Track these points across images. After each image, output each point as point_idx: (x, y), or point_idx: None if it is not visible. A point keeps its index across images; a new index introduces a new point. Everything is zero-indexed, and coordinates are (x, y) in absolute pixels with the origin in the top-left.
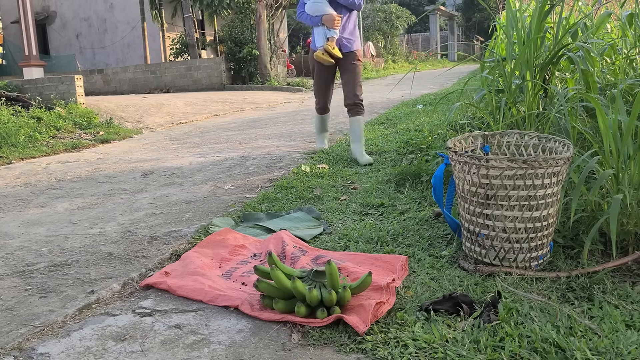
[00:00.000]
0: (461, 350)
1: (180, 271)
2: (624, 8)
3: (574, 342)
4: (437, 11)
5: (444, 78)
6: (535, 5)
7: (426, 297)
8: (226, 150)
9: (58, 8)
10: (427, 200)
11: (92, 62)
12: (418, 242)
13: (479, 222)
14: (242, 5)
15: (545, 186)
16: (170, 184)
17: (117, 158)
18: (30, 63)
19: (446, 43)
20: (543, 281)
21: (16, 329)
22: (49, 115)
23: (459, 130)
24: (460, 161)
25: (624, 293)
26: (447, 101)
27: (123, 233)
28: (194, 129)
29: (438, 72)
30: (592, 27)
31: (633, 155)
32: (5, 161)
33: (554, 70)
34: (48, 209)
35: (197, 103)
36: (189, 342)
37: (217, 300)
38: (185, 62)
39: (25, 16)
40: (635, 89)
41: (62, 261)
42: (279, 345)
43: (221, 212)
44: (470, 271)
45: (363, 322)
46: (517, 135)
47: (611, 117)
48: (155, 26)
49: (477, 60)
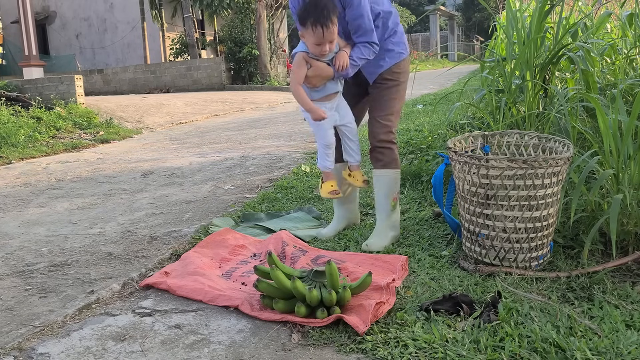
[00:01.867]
0: (461, 350)
1: (180, 271)
2: (624, 8)
3: (574, 342)
4: (437, 11)
5: (444, 78)
6: (535, 5)
7: (426, 297)
8: (226, 150)
9: (58, 8)
10: (427, 200)
11: (92, 62)
12: (418, 242)
13: (479, 222)
14: (242, 5)
15: (545, 186)
16: (170, 184)
17: (117, 158)
18: (30, 63)
19: (446, 43)
20: (543, 281)
21: (16, 329)
22: (49, 115)
23: (459, 130)
24: (460, 161)
25: (624, 293)
26: (447, 101)
27: (123, 233)
28: (194, 129)
29: (438, 72)
30: (592, 27)
31: (633, 155)
32: (5, 161)
33: (554, 70)
34: (48, 209)
35: (197, 103)
36: (189, 342)
37: (217, 300)
38: (185, 62)
39: (25, 16)
40: (635, 89)
41: (62, 261)
42: (279, 345)
43: (221, 212)
44: (470, 271)
45: (363, 322)
46: (517, 135)
47: (611, 117)
48: (155, 26)
49: (477, 60)
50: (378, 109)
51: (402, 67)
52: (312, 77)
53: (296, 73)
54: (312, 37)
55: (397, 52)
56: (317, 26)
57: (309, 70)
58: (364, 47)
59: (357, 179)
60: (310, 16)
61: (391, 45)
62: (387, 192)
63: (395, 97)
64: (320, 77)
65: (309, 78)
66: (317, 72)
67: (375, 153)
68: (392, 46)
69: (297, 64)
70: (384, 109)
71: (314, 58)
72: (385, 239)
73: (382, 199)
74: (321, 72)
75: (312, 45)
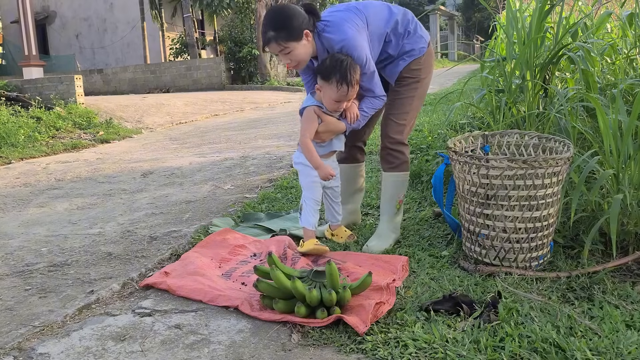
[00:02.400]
0: (461, 351)
1: (180, 271)
2: (624, 8)
3: (574, 342)
4: (437, 11)
5: (443, 78)
6: (536, 5)
7: (426, 297)
8: (226, 150)
9: (58, 8)
10: (427, 200)
11: (92, 62)
12: (418, 242)
13: (479, 222)
14: (242, 5)
15: (546, 186)
16: (170, 184)
17: (116, 158)
18: (30, 63)
19: (446, 43)
20: (543, 281)
21: (16, 329)
22: (49, 115)
23: (459, 130)
24: (461, 161)
25: (624, 293)
26: (447, 101)
27: (123, 233)
28: (194, 129)
29: (438, 72)
30: (592, 27)
31: (633, 155)
32: (5, 161)
33: (554, 70)
34: (48, 209)
35: (197, 103)
36: (189, 342)
37: (217, 301)
38: (185, 62)
39: (25, 16)
40: (636, 88)
41: (61, 261)
42: (279, 346)
43: (221, 212)
44: (471, 271)
45: (363, 322)
46: (517, 135)
47: (611, 117)
48: (155, 26)
49: (477, 60)
50: (393, 107)
51: (422, 62)
52: (323, 133)
53: (308, 127)
54: (334, 94)
55: (418, 49)
56: (343, 84)
57: (320, 125)
58: (373, 99)
59: (341, 236)
60: (337, 73)
61: (409, 46)
62: (393, 194)
63: (413, 95)
64: (331, 132)
65: (319, 133)
66: (330, 128)
67: (385, 154)
68: (410, 46)
69: (309, 118)
70: (398, 107)
71: (326, 113)
72: (387, 241)
73: (387, 201)
74: (333, 127)
75: (330, 100)
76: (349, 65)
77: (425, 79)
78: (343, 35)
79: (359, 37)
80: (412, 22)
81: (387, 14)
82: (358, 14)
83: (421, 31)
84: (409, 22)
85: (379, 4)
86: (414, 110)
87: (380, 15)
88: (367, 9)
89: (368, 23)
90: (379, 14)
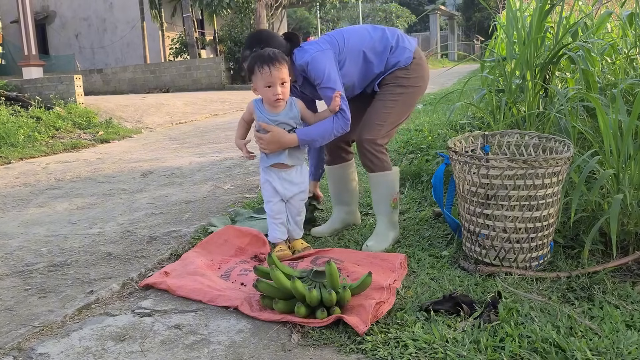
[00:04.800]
0: (461, 351)
1: (180, 271)
2: (624, 8)
3: (574, 342)
4: (437, 11)
5: (444, 78)
6: (536, 5)
7: (426, 297)
8: (226, 150)
9: (57, 8)
10: (427, 200)
11: (92, 62)
12: (418, 242)
13: (479, 222)
14: (241, 5)
15: (546, 186)
16: (170, 183)
17: (116, 158)
18: (29, 63)
19: (446, 43)
20: (543, 281)
21: (15, 329)
22: (49, 115)
23: (459, 130)
24: (461, 161)
25: (625, 293)
26: (447, 101)
27: (122, 233)
28: (194, 129)
29: (438, 72)
30: (593, 26)
31: (633, 155)
32: (5, 161)
33: (554, 70)
34: (47, 209)
35: (197, 103)
36: (189, 342)
37: (217, 301)
38: (185, 62)
39: (24, 16)
40: (636, 88)
41: (61, 261)
42: (278, 346)
43: (221, 212)
44: (471, 271)
45: (363, 322)
46: (518, 135)
47: (611, 117)
48: (155, 26)
49: (477, 60)
50: (372, 108)
51: (410, 71)
52: (270, 143)
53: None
54: (261, 80)
55: (403, 59)
56: (263, 66)
57: (268, 135)
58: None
59: (297, 248)
60: (256, 61)
61: (393, 60)
62: (384, 193)
63: (396, 99)
64: (278, 144)
65: (267, 143)
66: (276, 138)
67: (361, 155)
68: (395, 59)
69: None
70: (377, 109)
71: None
72: (386, 241)
73: (379, 200)
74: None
75: (263, 90)
76: (269, 51)
77: (414, 88)
78: (308, 55)
79: (322, 56)
80: (394, 37)
81: (364, 34)
82: (327, 39)
83: (404, 43)
84: (388, 39)
85: (359, 27)
86: (395, 115)
87: (356, 35)
88: (342, 33)
89: (345, 40)
90: (354, 35)
